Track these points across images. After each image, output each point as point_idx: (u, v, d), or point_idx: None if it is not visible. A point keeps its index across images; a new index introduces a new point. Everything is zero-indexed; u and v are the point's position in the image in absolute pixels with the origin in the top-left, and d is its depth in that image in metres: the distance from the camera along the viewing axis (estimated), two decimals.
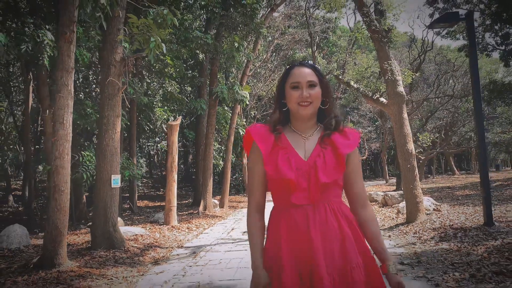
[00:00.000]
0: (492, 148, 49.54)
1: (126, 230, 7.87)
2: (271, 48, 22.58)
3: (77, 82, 13.41)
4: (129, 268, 5.45)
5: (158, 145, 23.59)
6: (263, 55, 21.93)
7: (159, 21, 6.48)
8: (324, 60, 25.53)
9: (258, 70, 22.77)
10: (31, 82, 14.14)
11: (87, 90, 14.22)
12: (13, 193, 20.19)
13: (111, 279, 4.87)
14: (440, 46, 30.09)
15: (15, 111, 21.75)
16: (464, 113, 30.48)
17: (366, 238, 1.57)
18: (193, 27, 15.86)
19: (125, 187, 16.79)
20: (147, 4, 7.15)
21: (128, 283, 4.72)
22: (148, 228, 8.93)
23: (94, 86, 15.33)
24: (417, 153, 29.02)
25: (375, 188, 21.98)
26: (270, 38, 21.82)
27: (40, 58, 9.51)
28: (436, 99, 25.23)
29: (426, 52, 19.20)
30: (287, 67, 1.70)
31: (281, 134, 1.63)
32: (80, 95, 13.58)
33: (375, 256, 1.58)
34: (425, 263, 4.89)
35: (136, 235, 7.84)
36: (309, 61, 1.71)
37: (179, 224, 9.75)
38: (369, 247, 1.57)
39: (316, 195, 1.52)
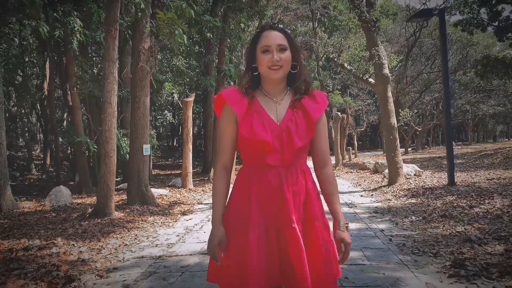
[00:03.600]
0: (489, 120, 50.74)
1: (153, 191, 9.35)
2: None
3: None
4: (163, 217, 6.94)
5: (167, 117, 24.94)
6: None
7: (178, 13, 7.70)
8: (325, 35, 26.44)
9: None
10: (48, 58, 15.38)
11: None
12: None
13: (153, 223, 6.36)
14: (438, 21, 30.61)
15: (29, 85, 22.96)
16: (461, 86, 31.51)
17: (323, 196, 1.69)
18: (197, 1, 16.76)
19: None
20: None
21: (166, 225, 6.21)
22: (169, 191, 10.44)
23: None
24: (416, 126, 30.37)
25: (371, 158, 23.35)
26: (272, 12, 22.66)
27: (70, 42, 10.79)
28: (431, 74, 26.21)
29: (421, 29, 20.16)
30: (258, 30, 1.68)
31: (254, 98, 1.66)
32: (101, 75, 14.84)
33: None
34: (393, 212, 6.36)
35: (161, 195, 9.34)
36: (279, 25, 1.67)
37: (194, 187, 11.26)
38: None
39: (289, 157, 1.60)
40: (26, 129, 23.35)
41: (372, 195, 8.44)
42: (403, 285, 3.18)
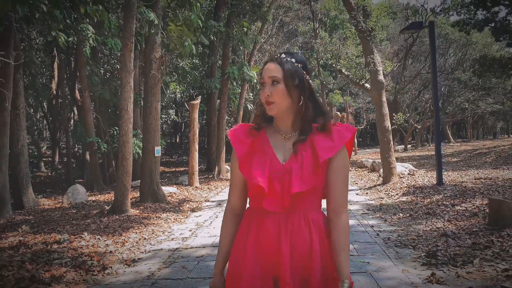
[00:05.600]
0: (489, 117, 51.30)
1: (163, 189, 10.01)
2: (275, 24, 23.99)
3: (111, 63, 15.30)
4: (174, 213, 7.59)
5: (171, 115, 25.61)
6: (268, 32, 23.44)
7: (187, 23, 8.33)
8: (326, 34, 27.00)
9: (264, 46, 24.35)
10: (56, 59, 16.04)
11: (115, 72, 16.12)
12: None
13: (166, 219, 7.02)
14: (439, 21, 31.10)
15: (37, 84, 23.58)
16: (460, 84, 32.09)
17: (331, 247, 1.46)
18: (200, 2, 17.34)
19: None
20: (177, 10, 8.98)
21: (178, 222, 6.87)
22: (177, 188, 11.10)
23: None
24: (415, 123, 31.02)
25: (370, 156, 23.95)
26: (273, 11, 23.23)
27: (82, 46, 11.42)
28: (430, 73, 26.75)
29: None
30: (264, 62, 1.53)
31: (262, 133, 1.54)
32: (107, 75, 15.51)
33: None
34: (384, 209, 7.00)
35: (170, 192, 10.00)
36: (282, 54, 1.48)
37: (200, 185, 11.92)
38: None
39: (288, 203, 1.44)
40: (35, 127, 24.02)
41: (367, 193, 9.09)
42: (384, 271, 3.83)
